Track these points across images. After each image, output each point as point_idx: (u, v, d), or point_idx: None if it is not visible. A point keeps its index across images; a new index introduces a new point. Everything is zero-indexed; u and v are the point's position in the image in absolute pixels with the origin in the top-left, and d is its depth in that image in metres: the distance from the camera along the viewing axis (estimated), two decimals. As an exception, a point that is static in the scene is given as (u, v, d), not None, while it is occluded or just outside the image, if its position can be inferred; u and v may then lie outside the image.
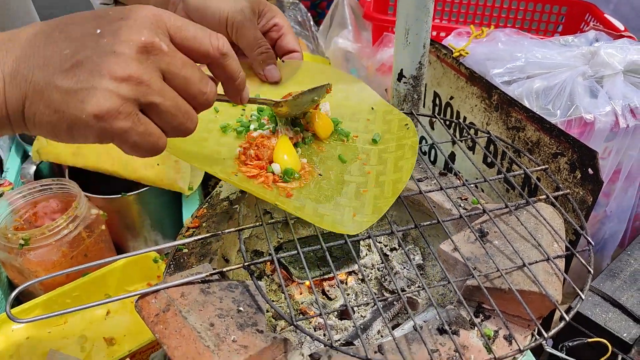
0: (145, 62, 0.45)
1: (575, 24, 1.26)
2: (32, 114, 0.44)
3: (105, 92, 0.43)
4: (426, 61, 0.83)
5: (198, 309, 0.57)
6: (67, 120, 0.44)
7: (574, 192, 0.73)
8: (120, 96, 0.44)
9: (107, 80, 0.43)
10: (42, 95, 0.43)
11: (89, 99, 0.43)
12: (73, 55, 0.43)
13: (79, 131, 0.44)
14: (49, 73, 0.43)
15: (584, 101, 0.80)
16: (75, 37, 0.44)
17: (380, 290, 0.78)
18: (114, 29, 0.45)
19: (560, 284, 0.60)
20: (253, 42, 0.73)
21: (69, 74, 0.43)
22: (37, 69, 0.43)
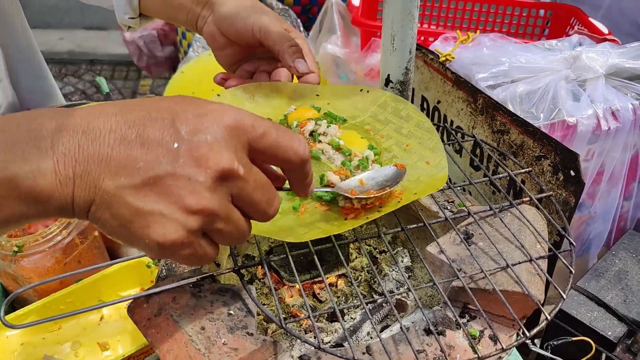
0: (219, 190, 0.43)
1: (561, 27, 1.28)
2: (97, 218, 0.43)
3: (172, 224, 0.42)
4: (412, 66, 0.85)
5: (189, 313, 0.58)
6: (130, 236, 0.43)
7: (557, 194, 0.74)
8: (187, 229, 0.42)
9: (177, 210, 0.42)
10: (109, 206, 0.42)
11: (155, 227, 0.42)
12: (146, 171, 0.41)
13: (139, 247, 0.44)
14: (120, 185, 0.41)
15: (567, 104, 0.82)
16: (150, 145, 0.42)
17: (370, 292, 0.79)
18: (192, 146, 0.42)
19: (543, 284, 0.61)
20: (282, 37, 0.75)
21: (139, 192, 0.41)
22: (107, 176, 0.41)
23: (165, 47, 1.95)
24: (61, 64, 3.40)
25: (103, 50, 3.39)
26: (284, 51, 0.75)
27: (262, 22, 0.75)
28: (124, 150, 0.41)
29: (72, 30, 3.53)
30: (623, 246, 0.91)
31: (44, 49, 3.52)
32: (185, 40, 1.75)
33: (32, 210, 0.42)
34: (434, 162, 0.70)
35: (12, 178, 0.40)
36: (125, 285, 0.95)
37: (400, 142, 0.74)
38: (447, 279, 0.65)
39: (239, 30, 0.76)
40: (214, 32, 0.78)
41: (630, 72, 0.87)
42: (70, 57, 3.43)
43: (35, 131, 0.41)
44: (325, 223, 0.63)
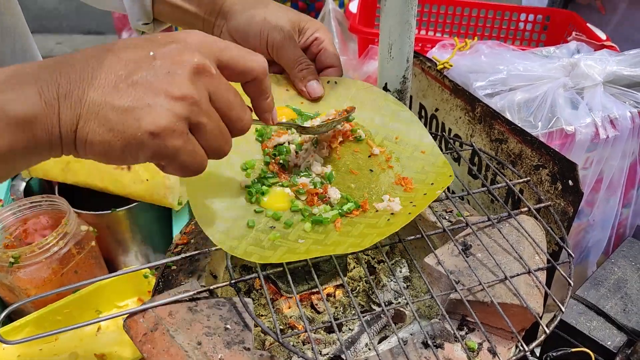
0: (197, 83, 0.47)
1: (559, 33, 1.28)
2: (85, 134, 0.45)
3: (162, 110, 0.45)
4: (410, 75, 0.84)
5: (186, 327, 0.58)
6: (121, 138, 0.45)
7: (555, 204, 0.74)
8: (176, 114, 0.46)
9: (163, 98, 0.45)
10: (96, 115, 0.44)
11: (145, 117, 0.45)
12: (128, 75, 0.45)
13: (132, 150, 0.46)
14: (104, 93, 0.45)
15: (565, 112, 0.82)
16: (128, 59, 0.46)
17: (368, 302, 0.78)
18: (166, 51, 0.47)
19: (542, 296, 0.61)
20: (293, 60, 0.74)
21: (124, 94, 0.45)
22: (91, 89, 0.45)
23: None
24: (59, 69, 3.40)
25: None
26: (294, 76, 0.75)
27: (275, 40, 0.74)
28: (105, 68, 0.45)
29: (70, 35, 3.53)
30: (622, 254, 0.90)
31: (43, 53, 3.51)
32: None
33: (20, 138, 0.44)
34: (428, 150, 0.72)
35: (0, 106, 0.42)
36: (122, 296, 0.94)
37: (389, 136, 0.75)
38: (445, 291, 0.65)
39: (251, 45, 0.75)
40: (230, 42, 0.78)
41: (629, 80, 0.87)
42: (69, 62, 3.42)
43: (17, 69, 0.45)
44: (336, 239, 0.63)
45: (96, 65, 0.46)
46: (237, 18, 0.74)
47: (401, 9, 0.76)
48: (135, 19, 0.81)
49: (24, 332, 0.86)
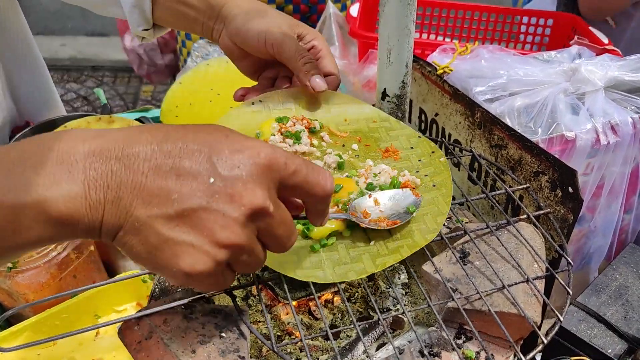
0: (249, 227, 0.44)
1: (561, 37, 1.27)
2: (124, 243, 0.43)
3: (202, 255, 0.43)
4: (409, 80, 0.84)
5: (180, 335, 0.58)
6: (156, 264, 0.43)
7: (555, 210, 0.73)
8: (216, 261, 0.43)
9: (208, 243, 0.42)
10: (138, 233, 0.42)
11: (184, 257, 0.42)
12: (180, 203, 0.42)
13: (163, 274, 0.45)
14: (152, 214, 0.42)
15: (566, 118, 0.81)
16: (185, 177, 0.42)
17: (366, 309, 0.78)
18: (230, 179, 0.43)
19: (540, 305, 0.60)
20: (295, 54, 0.73)
21: (171, 223, 0.42)
22: (140, 204, 0.41)
23: (165, 55, 1.95)
24: (63, 70, 3.41)
25: (105, 57, 3.40)
26: (298, 69, 0.74)
27: (275, 38, 0.73)
28: (159, 180, 0.42)
29: (74, 37, 3.54)
30: (624, 260, 0.90)
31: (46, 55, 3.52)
32: (185, 48, 1.74)
33: (59, 233, 0.42)
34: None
35: (41, 202, 0.40)
36: (121, 300, 0.94)
37: (412, 166, 0.73)
38: (443, 298, 0.64)
39: (252, 45, 0.75)
40: (230, 45, 0.77)
41: (630, 85, 0.86)
42: (72, 64, 3.44)
43: (65, 154, 0.41)
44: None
45: (149, 173, 0.42)
46: (236, 21, 0.74)
47: (400, 14, 0.76)
48: (135, 25, 0.81)
49: (22, 336, 0.86)
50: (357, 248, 0.65)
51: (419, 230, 0.65)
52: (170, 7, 0.79)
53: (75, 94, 3.22)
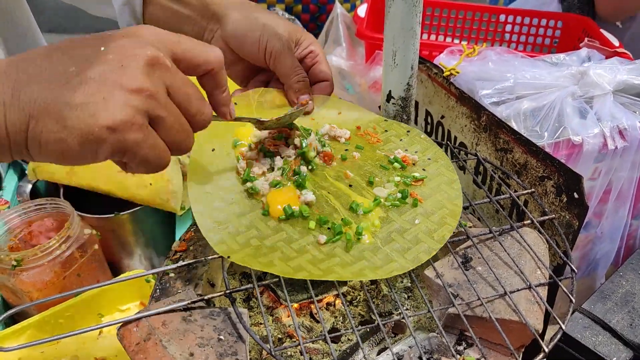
0: (153, 76, 0.46)
1: (572, 38, 1.26)
2: (38, 133, 0.43)
3: (118, 103, 0.44)
4: (414, 82, 0.83)
5: (179, 337, 0.57)
6: (78, 135, 0.43)
7: (560, 216, 0.72)
8: (133, 107, 0.44)
9: (119, 91, 0.44)
10: (49, 113, 0.43)
11: (101, 111, 0.43)
12: (81, 71, 0.44)
13: (90, 146, 0.44)
14: (56, 90, 0.43)
15: (573, 122, 0.80)
16: (80, 55, 0.45)
17: (368, 312, 0.77)
18: (118, 45, 0.46)
19: (542, 312, 0.60)
20: (291, 70, 0.73)
21: (78, 89, 0.43)
22: (42, 88, 0.43)
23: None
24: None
25: (116, 55, 3.40)
26: (290, 86, 0.74)
27: (274, 48, 0.72)
28: (54, 66, 0.44)
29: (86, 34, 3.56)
30: (631, 267, 0.88)
31: (59, 52, 3.55)
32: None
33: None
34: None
35: None
36: (124, 299, 0.94)
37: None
38: (445, 304, 0.64)
39: (248, 51, 0.74)
40: (222, 48, 0.75)
41: (639, 89, 0.85)
42: (84, 61, 3.46)
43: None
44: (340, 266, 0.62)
45: (45, 64, 0.44)
46: (234, 23, 0.73)
47: (405, 16, 0.75)
48: (125, 23, 0.80)
49: (25, 334, 0.86)
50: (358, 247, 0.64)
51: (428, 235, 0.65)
52: (163, 5, 0.78)
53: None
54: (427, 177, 0.71)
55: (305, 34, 0.77)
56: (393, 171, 0.72)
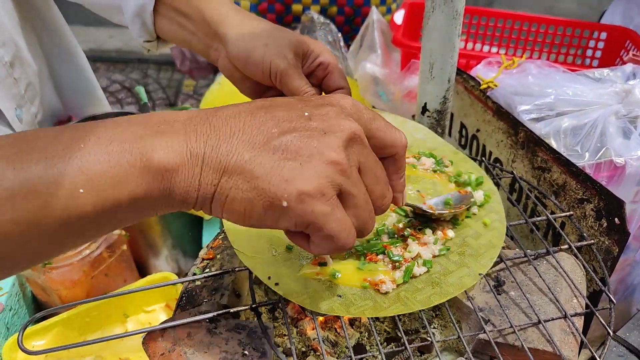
0: (350, 151, 0.45)
1: (615, 51, 1.21)
2: (228, 189, 0.43)
3: (313, 172, 0.42)
4: (451, 96, 0.81)
5: (203, 350, 0.57)
6: (266, 198, 0.42)
7: (599, 241, 0.70)
8: (327, 178, 0.43)
9: (317, 160, 0.43)
10: (243, 170, 0.42)
11: (296, 177, 0.42)
12: (282, 133, 0.43)
13: (274, 211, 0.43)
14: (254, 149, 0.42)
15: (615, 143, 0.77)
16: (282, 117, 0.44)
17: (394, 329, 0.76)
18: (322, 113, 0.45)
19: (577, 344, 0.57)
20: (297, 90, 0.71)
21: (276, 152, 0.43)
22: (241, 144, 0.43)
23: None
24: (110, 62, 3.49)
25: (150, 50, 3.45)
26: None
27: (279, 69, 0.70)
28: (256, 124, 0.44)
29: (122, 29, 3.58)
30: (670, 294, 0.85)
31: (94, 46, 3.61)
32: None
33: (156, 187, 0.42)
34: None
35: (142, 147, 0.41)
36: (150, 301, 0.95)
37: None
38: (474, 327, 0.62)
39: (253, 72, 0.72)
40: (230, 67, 0.74)
41: (688, 109, 0.81)
42: (119, 55, 3.51)
43: (168, 117, 0.44)
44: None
45: (248, 120, 0.44)
46: (235, 44, 0.71)
47: (445, 28, 0.74)
48: (137, 36, 0.80)
49: (53, 331, 0.87)
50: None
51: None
52: (171, 19, 0.76)
53: (120, 86, 3.29)
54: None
55: (314, 44, 0.74)
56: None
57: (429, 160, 0.73)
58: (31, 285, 0.93)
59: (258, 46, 0.70)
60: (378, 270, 0.61)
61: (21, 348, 0.56)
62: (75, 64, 1.12)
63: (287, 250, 0.63)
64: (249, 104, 0.46)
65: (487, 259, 0.62)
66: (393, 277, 0.60)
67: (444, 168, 0.73)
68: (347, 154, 0.44)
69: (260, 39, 0.70)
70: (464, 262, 0.63)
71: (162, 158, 0.41)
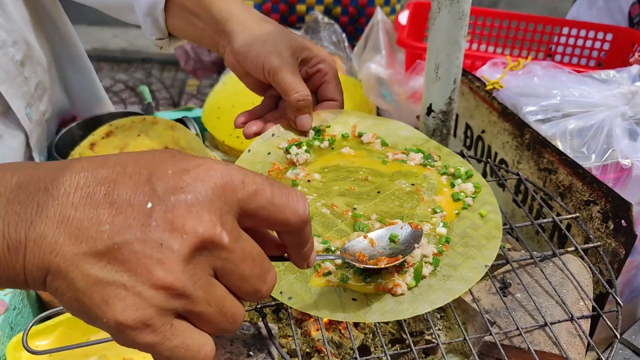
0: (196, 263, 0.36)
1: (620, 52, 1.21)
2: (54, 290, 0.37)
3: (136, 299, 0.35)
4: (456, 96, 0.81)
5: (208, 351, 0.57)
6: (87, 313, 0.36)
7: (605, 243, 0.69)
8: (154, 306, 0.35)
9: (141, 283, 0.35)
10: (65, 275, 0.35)
11: (114, 302, 0.35)
12: (111, 235, 0.35)
13: (101, 327, 0.37)
14: (79, 251, 0.35)
15: (622, 144, 0.76)
16: (120, 205, 0.36)
17: (399, 330, 0.76)
18: (167, 207, 0.36)
19: (584, 347, 0.57)
20: (289, 87, 0.71)
21: (101, 260, 0.35)
22: (67, 240, 0.35)
23: (212, 52, 1.96)
24: (113, 61, 3.49)
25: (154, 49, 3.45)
26: (289, 103, 0.72)
27: (272, 65, 0.70)
28: (89, 211, 0.36)
29: (126, 29, 3.62)
30: (676, 296, 0.84)
31: (98, 45, 3.62)
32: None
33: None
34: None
35: None
36: (154, 301, 0.95)
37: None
38: (480, 329, 0.62)
39: (250, 68, 0.73)
40: (234, 63, 0.75)
41: (695, 111, 0.81)
42: (122, 55, 3.51)
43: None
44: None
45: (80, 203, 0.36)
46: (237, 40, 0.72)
47: (450, 29, 0.74)
48: (149, 35, 0.80)
49: (57, 331, 0.87)
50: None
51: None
52: (182, 17, 0.78)
53: (124, 85, 3.29)
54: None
55: (317, 51, 0.74)
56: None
57: (417, 155, 0.73)
58: (35, 284, 0.93)
59: (256, 43, 0.71)
60: (385, 278, 0.59)
61: (26, 348, 0.56)
62: (81, 64, 1.13)
63: None
64: (88, 169, 0.37)
65: (490, 250, 0.62)
66: (405, 281, 0.59)
67: (433, 162, 0.73)
68: (190, 269, 0.36)
69: (261, 37, 0.72)
70: (469, 254, 0.62)
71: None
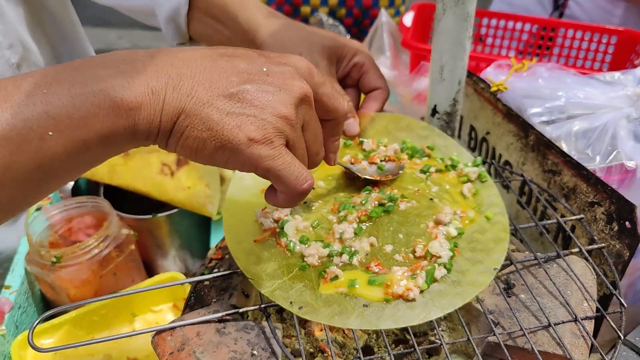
0: (299, 109, 0.49)
1: (625, 54, 1.21)
2: (184, 127, 0.46)
3: (264, 122, 0.46)
4: (461, 98, 0.81)
5: (212, 350, 0.57)
6: (218, 139, 0.46)
7: (609, 245, 0.69)
8: (276, 128, 0.47)
9: (268, 113, 0.46)
10: (200, 111, 0.45)
11: (247, 125, 0.46)
12: (240, 83, 0.46)
13: (224, 153, 0.47)
14: (213, 94, 0.46)
15: (627, 146, 0.76)
16: (242, 69, 0.48)
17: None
18: (278, 71, 0.49)
19: (588, 348, 0.57)
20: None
21: (232, 99, 0.46)
22: (201, 87, 0.46)
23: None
24: (119, 63, 3.50)
25: (159, 50, 3.47)
26: None
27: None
28: (217, 70, 0.47)
29: (130, 30, 3.63)
30: (681, 299, 0.84)
31: (103, 46, 3.63)
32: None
33: (120, 124, 0.44)
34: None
35: (105, 88, 0.43)
36: (158, 300, 0.95)
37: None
38: (484, 330, 0.62)
39: None
40: None
41: (700, 113, 0.81)
42: (128, 56, 3.52)
43: (127, 56, 0.46)
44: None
45: (209, 66, 0.47)
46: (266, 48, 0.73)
47: (456, 30, 0.74)
48: (171, 39, 0.81)
49: (61, 330, 0.87)
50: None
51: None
52: (207, 24, 0.78)
53: (129, 86, 3.30)
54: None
55: (349, 45, 0.75)
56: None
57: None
58: (40, 283, 0.93)
59: (287, 48, 0.72)
60: (395, 278, 0.59)
61: (32, 345, 0.57)
62: None
63: (301, 269, 0.61)
64: (210, 50, 0.49)
65: (498, 253, 0.62)
66: (416, 284, 0.59)
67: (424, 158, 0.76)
68: (296, 111, 0.48)
69: (295, 48, 0.73)
70: (477, 259, 0.62)
71: (125, 98, 0.43)
